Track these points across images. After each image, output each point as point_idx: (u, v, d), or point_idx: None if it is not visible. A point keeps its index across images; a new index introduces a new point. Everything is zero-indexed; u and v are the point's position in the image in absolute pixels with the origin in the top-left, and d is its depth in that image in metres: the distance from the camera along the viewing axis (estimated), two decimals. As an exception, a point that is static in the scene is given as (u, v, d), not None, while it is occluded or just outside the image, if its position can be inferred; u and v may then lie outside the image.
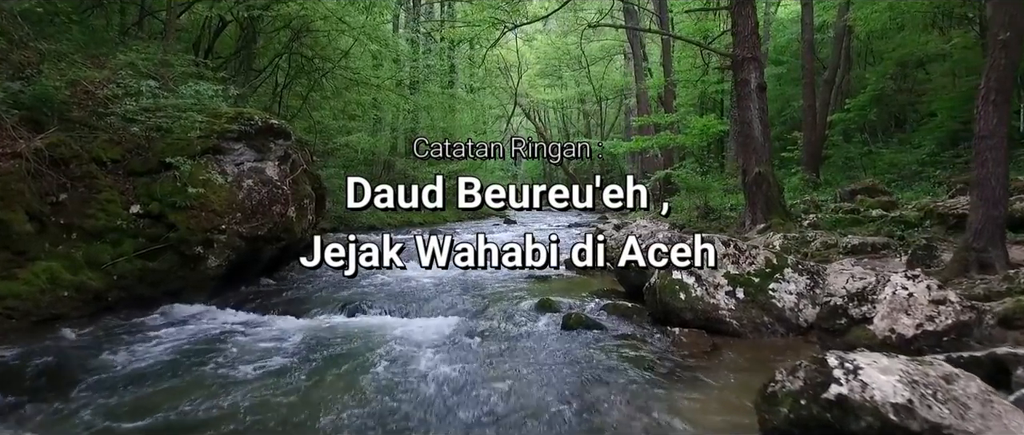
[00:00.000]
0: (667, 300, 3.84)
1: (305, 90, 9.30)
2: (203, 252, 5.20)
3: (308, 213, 6.62)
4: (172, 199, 5.09)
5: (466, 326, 4.09)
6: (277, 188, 5.78)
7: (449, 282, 6.10)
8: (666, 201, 14.03)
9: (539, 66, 34.12)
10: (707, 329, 3.69)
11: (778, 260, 3.85)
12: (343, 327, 4.21)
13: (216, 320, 4.54)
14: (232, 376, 3.12)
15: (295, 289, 5.71)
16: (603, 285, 5.69)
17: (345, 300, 4.96)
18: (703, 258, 3.81)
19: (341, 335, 3.97)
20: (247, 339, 3.91)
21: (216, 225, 5.29)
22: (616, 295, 5.00)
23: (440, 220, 17.63)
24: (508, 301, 4.85)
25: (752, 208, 8.18)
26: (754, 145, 8.20)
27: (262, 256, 6.10)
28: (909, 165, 10.59)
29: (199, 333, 4.12)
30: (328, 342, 3.77)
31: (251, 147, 5.66)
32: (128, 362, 3.38)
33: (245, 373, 3.16)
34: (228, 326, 4.33)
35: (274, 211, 5.68)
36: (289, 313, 4.70)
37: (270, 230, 5.72)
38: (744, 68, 8.24)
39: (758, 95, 8.23)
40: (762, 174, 8.08)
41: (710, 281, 3.80)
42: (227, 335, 4.04)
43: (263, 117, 5.67)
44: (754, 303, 3.70)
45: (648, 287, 4.17)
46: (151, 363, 3.40)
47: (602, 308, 4.44)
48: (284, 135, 5.90)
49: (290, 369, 3.23)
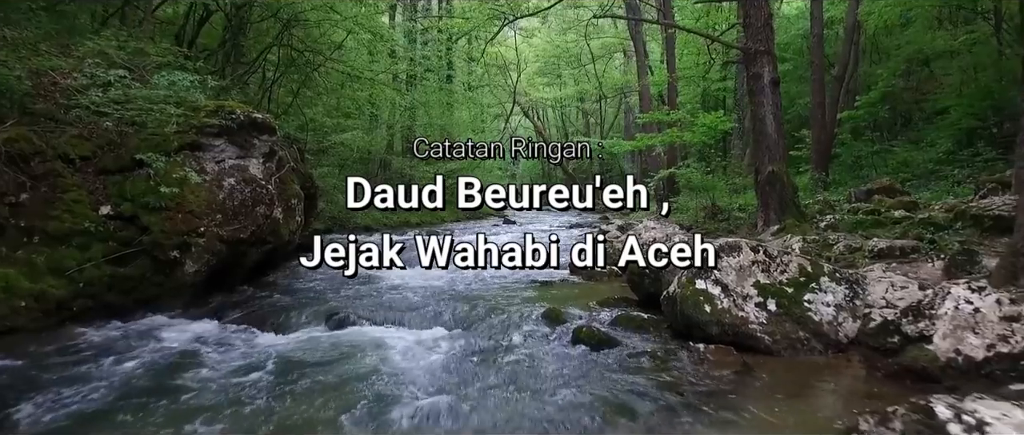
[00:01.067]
0: (690, 312, 3.44)
1: (296, 85, 8.87)
2: (179, 257, 4.79)
3: (296, 214, 6.22)
4: (145, 199, 4.68)
5: (464, 341, 3.69)
6: (261, 187, 5.37)
7: (446, 287, 5.70)
8: (670, 201, 13.66)
9: (538, 64, 33.73)
10: (735, 345, 3.29)
11: (813, 268, 3.45)
12: (327, 342, 3.80)
13: (189, 333, 4.13)
14: (194, 404, 2.71)
15: (280, 297, 5.30)
16: (612, 292, 5.28)
17: (332, 309, 4.55)
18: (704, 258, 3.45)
19: (323, 352, 3.56)
20: (219, 357, 3.50)
21: (194, 227, 4.88)
22: (628, 304, 4.60)
23: (438, 220, 17.21)
24: (510, 310, 4.45)
25: (765, 209, 7.79)
26: (767, 142, 7.81)
27: (246, 261, 5.69)
28: (923, 164, 10.21)
29: (168, 348, 3.71)
30: (308, 362, 3.37)
31: (233, 143, 5.25)
32: (78, 384, 2.97)
33: (209, 400, 2.75)
34: (201, 340, 3.93)
35: (258, 212, 5.28)
36: (270, 325, 4.29)
37: (254, 233, 5.31)
38: (757, 62, 7.85)
39: (771, 90, 7.84)
40: (776, 173, 7.69)
41: (738, 292, 3.40)
42: (198, 351, 3.63)
43: (246, 111, 5.25)
44: (787, 316, 3.31)
45: (667, 297, 3.77)
46: (105, 385, 2.99)
47: (614, 319, 4.04)
48: (268, 130, 5.49)
49: (260, 395, 2.82)
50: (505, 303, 4.79)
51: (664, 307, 3.85)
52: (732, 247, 3.55)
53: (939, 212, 5.93)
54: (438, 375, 3.08)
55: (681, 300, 3.52)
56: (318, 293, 5.43)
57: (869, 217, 6.64)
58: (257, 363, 3.35)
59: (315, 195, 8.93)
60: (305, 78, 8.89)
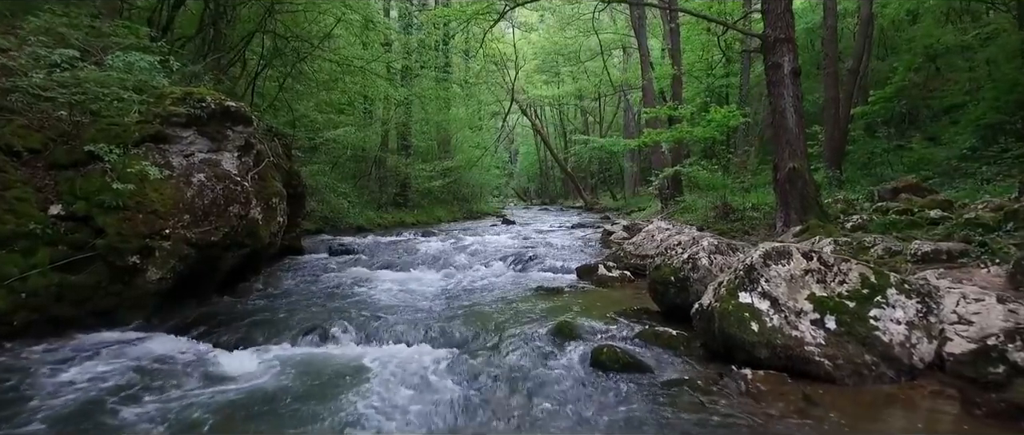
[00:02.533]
0: (732, 331, 2.90)
1: (282, 77, 8.29)
2: (140, 263, 4.23)
3: (278, 214, 5.66)
4: (100, 198, 4.12)
5: (463, 362, 3.13)
6: (236, 184, 4.81)
7: (442, 294, 5.15)
8: (676, 200, 13.14)
9: (536, 61, 33.17)
10: (789, 371, 2.76)
11: (877, 277, 2.91)
12: (300, 363, 3.23)
13: (145, 351, 3.57)
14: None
15: (257, 307, 4.74)
16: (628, 300, 4.74)
17: (313, 322, 3.99)
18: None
19: (294, 377, 3.00)
20: (171, 383, 2.94)
21: (157, 229, 4.31)
22: (649, 316, 4.05)
23: (434, 220, 16.66)
24: (516, 324, 3.90)
25: (785, 208, 7.26)
26: (788, 137, 7.28)
27: (221, 266, 5.12)
28: (945, 161, 9.70)
29: (114, 372, 3.15)
30: (274, 390, 2.81)
31: (203, 135, 4.69)
32: None
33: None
34: (157, 360, 3.36)
35: (232, 212, 4.71)
36: (240, 341, 3.73)
37: (227, 235, 4.75)
38: (776, 50, 7.32)
39: (792, 81, 7.31)
40: (797, 170, 7.16)
41: (790, 307, 2.86)
42: (150, 374, 3.07)
43: (217, 98, 4.69)
44: (850, 336, 2.77)
45: (700, 311, 3.23)
46: (25, 416, 2.44)
47: (637, 336, 3.49)
48: (244, 121, 4.92)
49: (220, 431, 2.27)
50: (508, 314, 4.24)
51: (696, 322, 3.31)
52: (780, 253, 3.01)
53: (984, 211, 5.40)
54: (428, 410, 2.53)
55: (720, 316, 2.98)
56: (299, 302, 4.86)
57: (902, 217, 6.12)
58: (213, 391, 2.79)
59: (302, 194, 8.37)
60: (292, 69, 8.31)
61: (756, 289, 2.93)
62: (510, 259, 7.37)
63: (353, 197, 14.11)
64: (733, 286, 3.00)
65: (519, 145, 45.75)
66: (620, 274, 5.86)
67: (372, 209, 14.75)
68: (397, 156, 16.74)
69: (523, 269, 6.91)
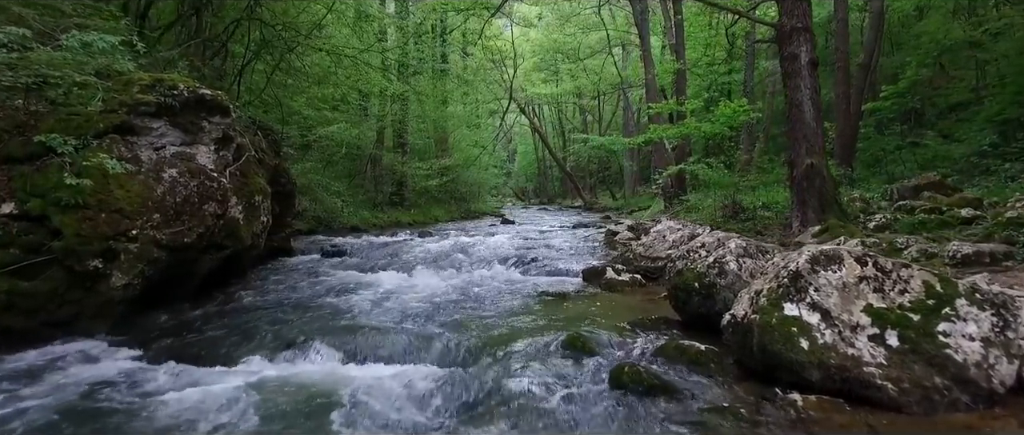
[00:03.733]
0: (776, 348, 2.49)
1: (270, 68, 7.86)
2: (103, 267, 3.80)
3: (261, 213, 5.23)
4: (57, 195, 3.69)
5: (461, 385, 2.71)
6: (212, 180, 4.38)
7: (440, 301, 4.73)
8: (682, 199, 12.75)
9: (534, 59, 32.76)
10: (845, 396, 2.35)
11: (944, 286, 2.51)
12: (277, 384, 2.81)
13: (102, 369, 3.15)
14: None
15: (236, 315, 4.31)
16: (643, 308, 4.34)
17: (294, 335, 3.56)
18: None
19: (267, 402, 2.58)
20: (120, 408, 2.52)
21: (123, 230, 3.89)
22: (669, 326, 3.64)
23: (431, 220, 16.22)
24: (520, 336, 3.48)
25: (802, 207, 6.86)
26: (805, 132, 6.88)
27: (197, 270, 4.71)
28: (963, 158, 9.33)
29: (60, 394, 2.73)
30: (239, 421, 2.39)
31: (176, 126, 4.26)
32: None
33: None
34: (113, 380, 2.94)
35: (207, 211, 4.29)
36: (210, 356, 3.31)
37: (202, 235, 4.33)
38: (792, 41, 6.92)
39: (809, 72, 6.91)
40: (815, 166, 6.77)
41: (845, 320, 2.45)
42: (99, 399, 2.66)
43: (191, 86, 4.26)
44: (917, 355, 2.36)
45: (734, 323, 2.82)
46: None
47: (659, 351, 3.08)
48: (221, 111, 4.50)
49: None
50: (511, 324, 3.83)
51: (727, 336, 2.90)
52: (830, 257, 2.60)
53: (1024, 210, 5.02)
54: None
55: (761, 330, 2.57)
56: (282, 310, 4.43)
57: (931, 217, 5.73)
58: (168, 424, 2.37)
59: (292, 192, 7.95)
60: (280, 60, 7.88)
61: (804, 300, 2.52)
62: (511, 261, 6.95)
63: (347, 196, 13.68)
64: (776, 296, 2.59)
65: (517, 144, 45.35)
66: (630, 277, 5.45)
67: (367, 209, 14.32)
68: (393, 154, 16.31)
69: (525, 272, 6.50)
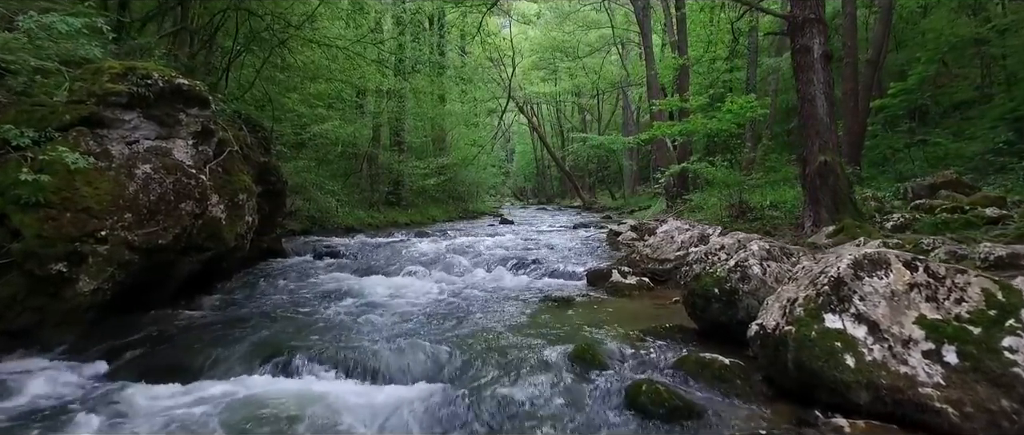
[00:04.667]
0: (816, 366, 2.19)
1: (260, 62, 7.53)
2: (68, 271, 3.49)
3: (246, 213, 4.92)
4: (16, 192, 3.37)
5: (459, 406, 2.40)
6: (190, 177, 4.07)
7: (435, 308, 4.43)
8: (685, 199, 12.46)
9: (534, 57, 32.45)
10: (898, 421, 2.06)
11: (1006, 294, 2.21)
12: (255, 406, 2.50)
13: (58, 386, 2.84)
14: None
15: (214, 322, 4.00)
16: (655, 314, 4.04)
17: (277, 346, 3.26)
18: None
19: (245, 425, 2.28)
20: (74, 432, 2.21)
21: (90, 231, 3.57)
22: (685, 336, 3.34)
23: (428, 220, 15.91)
24: (523, 346, 3.18)
25: (815, 206, 6.57)
26: (818, 127, 6.60)
27: (176, 273, 4.39)
28: (977, 156, 9.06)
29: (8, 417, 2.42)
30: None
31: (150, 118, 3.95)
32: None
33: None
34: (67, 399, 2.64)
35: (183, 210, 3.97)
36: (181, 371, 2.99)
37: (179, 237, 4.01)
38: (805, 32, 6.64)
39: (822, 66, 6.63)
40: (829, 164, 6.48)
41: (895, 334, 2.16)
42: (52, 423, 2.35)
43: (167, 75, 3.94)
44: (979, 374, 2.07)
45: (762, 335, 2.52)
46: None
47: (677, 365, 2.78)
48: (200, 102, 4.18)
49: None
50: (512, 333, 3.52)
51: (755, 348, 2.60)
52: (875, 261, 2.30)
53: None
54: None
55: (798, 345, 2.27)
56: (268, 317, 4.12)
57: (954, 216, 5.44)
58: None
59: (282, 191, 7.62)
60: (270, 54, 7.56)
61: (848, 310, 2.23)
62: (511, 263, 6.65)
63: (343, 196, 13.37)
64: (815, 305, 2.29)
65: (515, 144, 45.05)
66: (638, 281, 5.15)
67: (363, 208, 14.00)
68: (390, 153, 15.99)
69: (526, 274, 6.20)
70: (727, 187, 9.48)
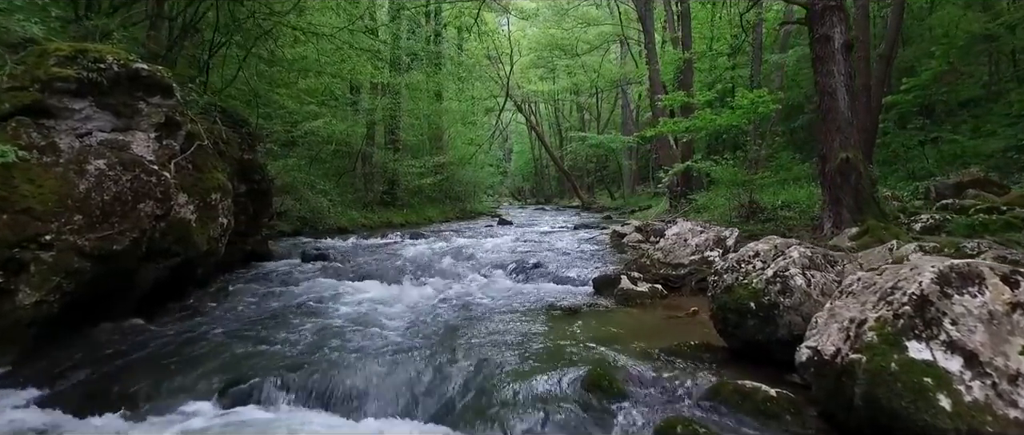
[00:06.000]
0: (900, 406, 1.76)
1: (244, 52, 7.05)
2: (5, 282, 3.04)
3: (220, 214, 4.47)
4: (-58, 191, 2.92)
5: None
6: (151, 174, 3.61)
7: (429, 320, 3.99)
8: (689, 198, 12.04)
9: (532, 55, 32.01)
10: (1007, 480, 1.62)
11: None
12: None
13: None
14: None
15: (180, 338, 3.54)
16: (674, 328, 3.61)
17: (244, 368, 2.82)
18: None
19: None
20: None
21: (33, 235, 3.13)
22: (714, 355, 2.90)
23: (424, 220, 15.44)
24: (529, 369, 2.74)
25: (835, 206, 6.15)
26: (838, 122, 6.17)
27: (138, 282, 3.93)
28: (997, 153, 8.65)
29: None
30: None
31: (105, 108, 3.49)
32: None
33: None
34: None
35: (143, 211, 3.52)
36: (137, 396, 2.58)
37: (138, 241, 3.56)
38: (824, 20, 6.21)
39: (843, 56, 6.20)
40: (850, 161, 6.06)
41: (999, 366, 1.72)
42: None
43: (122, 58, 3.49)
44: (1108, 419, 1.63)
45: (817, 361, 2.09)
46: None
47: (712, 393, 2.35)
48: (163, 90, 3.73)
49: None
50: (517, 352, 3.08)
51: (808, 376, 2.17)
52: (965, 275, 1.87)
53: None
54: None
55: (872, 378, 1.83)
56: (239, 331, 3.67)
57: (992, 217, 5.02)
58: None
59: (268, 191, 7.18)
60: (253, 44, 7.08)
61: (937, 337, 1.79)
62: (511, 267, 6.22)
63: (335, 195, 12.90)
64: (892, 330, 1.86)
65: (513, 143, 44.61)
66: (650, 288, 4.72)
67: (357, 208, 13.54)
68: (385, 151, 15.52)
69: (527, 279, 5.77)
70: (736, 186, 9.06)
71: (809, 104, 15.66)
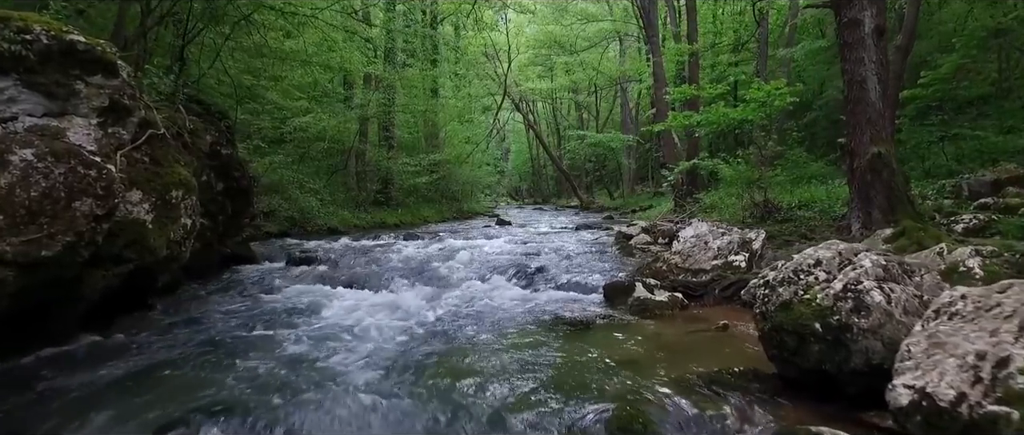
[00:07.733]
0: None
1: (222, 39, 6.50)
2: (-100, 297, 2.49)
3: (183, 214, 3.92)
4: None
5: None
6: (91, 167, 3.06)
7: (420, 336, 3.46)
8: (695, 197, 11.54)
9: (530, 53, 31.51)
10: None
11: None
12: None
13: None
14: None
15: (127, 360, 3.00)
16: (704, 344, 3.09)
17: (193, 400, 2.29)
18: None
19: None
20: None
21: (-62, 240, 2.58)
22: (766, 386, 2.38)
23: (420, 220, 14.88)
24: (539, 404, 2.22)
25: (865, 204, 5.64)
26: (869, 114, 5.67)
27: (82, 292, 3.39)
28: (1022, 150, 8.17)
29: None
30: None
31: (32, 88, 2.94)
32: None
33: None
34: None
35: (79, 210, 2.97)
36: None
37: (75, 246, 3.00)
38: (853, 3, 5.70)
39: (875, 42, 5.71)
40: (882, 156, 5.55)
41: None
42: None
43: (53, 28, 2.95)
44: None
45: (931, 410, 1.57)
46: None
47: (778, 444, 1.82)
48: (106, 68, 3.18)
49: None
50: (523, 379, 2.56)
51: (913, 425, 1.65)
52: None
53: None
54: None
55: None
56: (196, 353, 3.13)
57: (1047, 217, 4.52)
58: None
59: (248, 189, 6.63)
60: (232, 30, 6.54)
61: None
62: (511, 271, 5.69)
63: (326, 195, 12.35)
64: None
65: (511, 143, 44.08)
66: (669, 297, 4.19)
67: (349, 208, 12.97)
68: (378, 149, 14.96)
69: (529, 285, 5.24)
70: (748, 184, 8.56)
71: (818, 100, 15.23)
